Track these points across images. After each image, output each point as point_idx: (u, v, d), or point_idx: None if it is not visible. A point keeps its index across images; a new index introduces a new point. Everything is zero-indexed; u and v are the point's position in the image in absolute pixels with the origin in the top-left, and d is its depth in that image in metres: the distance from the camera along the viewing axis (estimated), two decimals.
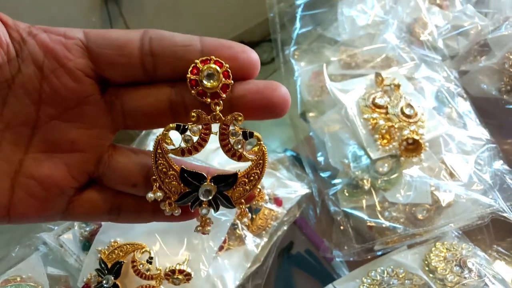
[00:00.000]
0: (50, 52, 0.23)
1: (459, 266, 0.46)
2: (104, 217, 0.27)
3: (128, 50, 0.24)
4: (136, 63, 0.24)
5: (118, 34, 0.24)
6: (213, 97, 0.24)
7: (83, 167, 0.25)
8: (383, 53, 0.67)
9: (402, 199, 0.52)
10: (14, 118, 0.24)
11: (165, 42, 0.24)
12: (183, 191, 0.25)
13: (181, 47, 0.24)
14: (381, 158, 0.55)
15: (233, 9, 1.96)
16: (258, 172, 0.25)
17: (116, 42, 0.24)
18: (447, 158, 0.54)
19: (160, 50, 0.24)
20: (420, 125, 0.56)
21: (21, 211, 0.25)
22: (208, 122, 0.24)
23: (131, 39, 0.24)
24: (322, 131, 0.62)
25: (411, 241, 0.51)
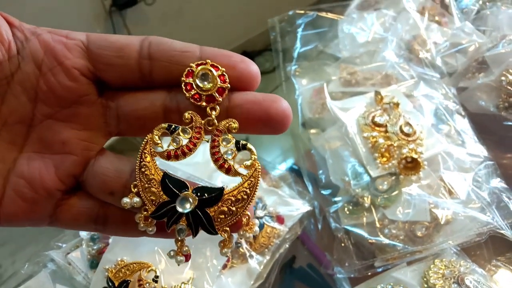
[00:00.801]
0: (50, 50, 0.24)
1: (457, 283, 0.47)
2: (90, 226, 0.26)
3: (127, 52, 0.24)
4: (133, 66, 0.24)
5: (118, 37, 0.25)
6: (208, 101, 0.23)
7: (71, 170, 0.25)
8: (383, 71, 0.68)
9: (401, 217, 0.54)
10: (11, 116, 0.24)
11: (163, 47, 0.24)
12: (161, 201, 0.23)
13: (179, 53, 0.24)
14: (380, 176, 0.56)
15: (235, 19, 1.98)
16: (248, 191, 0.23)
17: (116, 44, 0.24)
18: (445, 176, 0.56)
19: (158, 54, 0.24)
20: (419, 143, 0.57)
21: (10, 211, 0.24)
22: (201, 126, 0.23)
23: (130, 43, 0.24)
24: (323, 148, 0.63)
25: (410, 258, 0.52)
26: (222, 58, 0.24)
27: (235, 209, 0.23)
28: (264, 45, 2.05)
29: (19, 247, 1.33)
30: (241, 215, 0.23)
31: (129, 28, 1.68)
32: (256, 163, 0.23)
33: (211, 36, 1.91)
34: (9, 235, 1.83)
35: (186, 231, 0.23)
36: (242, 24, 2.00)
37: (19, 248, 1.32)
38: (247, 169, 0.23)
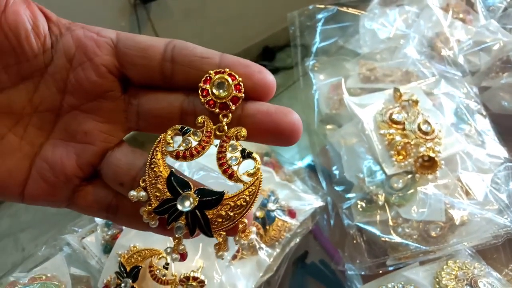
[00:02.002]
0: (81, 46, 0.25)
1: (470, 285, 0.46)
2: (102, 213, 0.27)
3: (151, 53, 0.25)
4: (155, 67, 0.25)
5: (145, 38, 0.26)
6: (222, 108, 0.24)
7: (90, 159, 0.26)
8: (403, 68, 0.67)
9: (416, 216, 0.53)
10: (42, 104, 0.26)
11: (186, 52, 0.25)
12: (164, 198, 0.24)
13: (199, 58, 0.25)
14: (396, 174, 0.55)
15: (258, 14, 1.98)
16: (247, 199, 0.23)
17: (141, 45, 0.25)
18: (463, 176, 0.54)
19: (180, 58, 0.25)
20: (437, 142, 0.56)
21: (33, 191, 0.26)
22: (211, 130, 0.24)
23: (155, 45, 0.25)
24: (339, 144, 0.63)
25: (423, 258, 0.52)
26: (240, 68, 0.24)
27: (233, 215, 0.23)
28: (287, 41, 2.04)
29: (41, 232, 1.37)
30: (238, 221, 0.24)
31: (153, 21, 1.70)
32: (259, 172, 0.24)
33: (234, 31, 1.92)
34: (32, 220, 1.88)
35: (184, 229, 0.24)
36: (264, 19, 1.99)
37: (42, 233, 1.36)
38: (250, 177, 0.24)
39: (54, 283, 0.50)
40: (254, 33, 2.05)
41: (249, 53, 2.07)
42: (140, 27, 1.68)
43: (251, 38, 2.05)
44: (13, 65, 0.25)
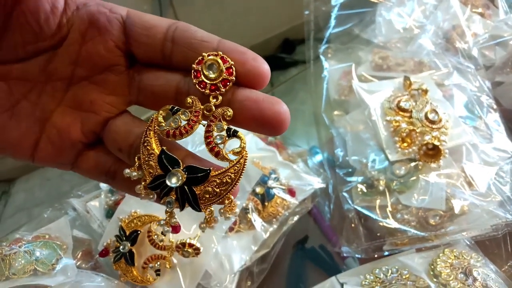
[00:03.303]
0: (94, 21, 0.27)
1: (464, 274, 0.46)
2: (102, 177, 0.29)
3: (153, 32, 0.26)
4: (156, 46, 0.27)
5: (151, 18, 0.27)
6: (212, 90, 0.25)
7: (93, 127, 0.28)
8: (417, 58, 0.66)
9: (416, 203, 0.53)
10: (55, 74, 0.28)
11: (187, 34, 0.26)
12: (157, 174, 0.25)
13: (198, 41, 0.26)
14: (399, 160, 0.55)
15: (280, 6, 1.97)
16: (232, 176, 0.25)
17: (146, 24, 0.27)
18: (467, 167, 0.54)
19: (180, 39, 0.26)
20: (443, 132, 0.55)
21: (42, 154, 0.28)
22: (199, 110, 0.25)
23: (159, 24, 0.27)
24: (345, 129, 0.63)
25: (420, 245, 0.51)
26: (235, 53, 0.25)
27: (219, 191, 0.24)
28: None
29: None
30: (225, 197, 0.25)
31: (175, 7, 1.72)
32: (244, 151, 0.24)
33: (254, 22, 1.92)
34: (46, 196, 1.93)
35: (174, 204, 0.25)
36: (286, 11, 1.98)
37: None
38: (236, 155, 0.25)
39: (56, 242, 0.52)
40: (274, 24, 2.04)
41: (268, 44, 2.07)
42: (162, 12, 1.69)
43: (271, 30, 2.05)
44: (31, 43, 0.27)
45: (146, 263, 0.49)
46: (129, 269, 0.50)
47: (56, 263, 0.49)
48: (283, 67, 2.02)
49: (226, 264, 0.47)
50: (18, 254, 0.48)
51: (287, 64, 2.03)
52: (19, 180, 1.99)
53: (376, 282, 0.47)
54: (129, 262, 0.49)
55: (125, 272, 0.50)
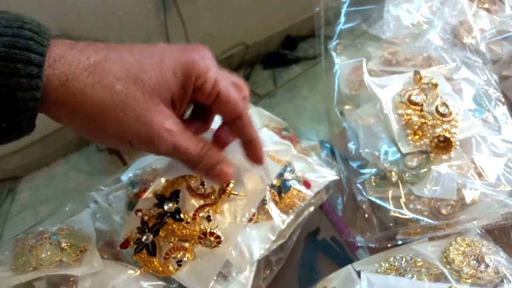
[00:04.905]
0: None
1: (476, 260, 0.48)
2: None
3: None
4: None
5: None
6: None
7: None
8: (425, 53, 0.68)
9: (428, 193, 0.54)
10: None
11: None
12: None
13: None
14: (411, 153, 0.57)
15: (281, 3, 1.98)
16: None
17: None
18: (477, 158, 0.56)
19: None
20: (454, 125, 0.57)
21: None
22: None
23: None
24: (356, 123, 0.64)
25: (433, 234, 0.53)
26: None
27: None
28: (309, 31, 2.04)
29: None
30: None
31: (178, 5, 1.73)
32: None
33: (256, 19, 1.94)
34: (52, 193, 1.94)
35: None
36: (287, 8, 2.00)
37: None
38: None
39: (80, 234, 0.53)
40: (276, 22, 2.06)
41: (270, 41, 2.09)
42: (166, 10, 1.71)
43: (273, 27, 2.07)
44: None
45: (168, 254, 0.51)
46: (150, 260, 0.52)
47: (80, 254, 0.51)
48: (285, 64, 2.05)
49: (246, 253, 0.49)
50: (44, 245, 0.50)
51: (290, 61, 2.06)
52: (25, 178, 2.00)
53: (391, 269, 0.49)
54: (151, 252, 0.51)
55: (146, 263, 0.52)
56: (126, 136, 0.34)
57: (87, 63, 0.32)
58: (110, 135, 0.35)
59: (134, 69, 0.34)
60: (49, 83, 0.31)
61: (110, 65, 0.33)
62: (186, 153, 0.38)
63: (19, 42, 0.30)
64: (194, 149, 0.38)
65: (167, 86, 0.35)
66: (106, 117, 0.33)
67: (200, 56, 0.37)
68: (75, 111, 0.33)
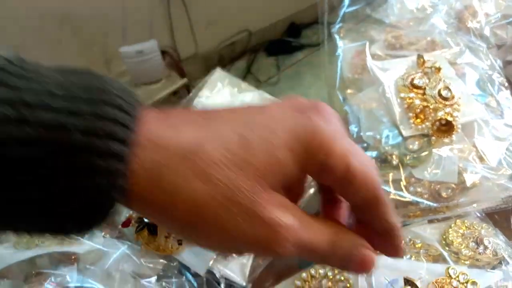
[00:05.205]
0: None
1: (475, 243, 0.48)
2: None
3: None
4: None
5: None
6: None
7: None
8: (429, 37, 0.67)
9: (428, 176, 0.54)
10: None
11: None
12: None
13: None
14: (412, 136, 0.57)
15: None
16: None
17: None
18: (478, 142, 0.55)
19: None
20: (456, 108, 0.57)
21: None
22: None
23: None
24: (358, 107, 0.64)
25: (432, 216, 0.53)
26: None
27: None
28: (313, 18, 2.03)
29: None
30: None
31: None
32: None
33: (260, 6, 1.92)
34: None
35: None
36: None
37: None
38: None
39: None
40: (280, 8, 2.04)
41: (275, 28, 2.08)
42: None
43: (277, 14, 2.05)
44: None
45: (169, 233, 0.51)
46: (151, 239, 0.52)
47: None
48: (289, 51, 2.04)
49: None
50: None
51: (294, 48, 2.04)
52: None
53: None
54: (152, 231, 0.52)
55: (147, 242, 0.53)
56: (230, 241, 0.26)
57: (183, 146, 0.25)
58: (210, 240, 0.27)
59: (239, 150, 0.25)
60: (135, 176, 0.24)
61: (210, 148, 0.25)
62: (315, 249, 0.28)
63: (101, 128, 0.22)
64: (325, 240, 0.28)
65: (281, 167, 0.26)
66: (204, 217, 0.25)
67: (323, 119, 0.27)
68: (165, 210, 0.25)
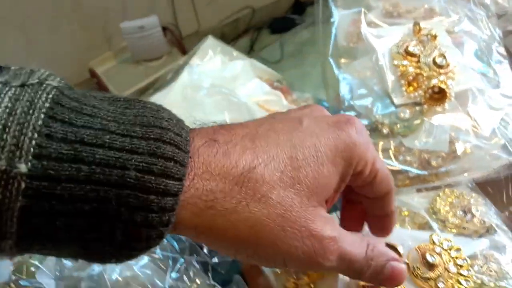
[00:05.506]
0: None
1: (463, 211, 0.47)
2: None
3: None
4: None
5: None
6: None
7: None
8: (427, 4, 0.65)
9: (419, 145, 0.53)
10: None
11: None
12: None
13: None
14: (404, 104, 0.55)
15: None
16: None
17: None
18: (472, 111, 0.54)
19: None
20: (450, 76, 0.55)
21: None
22: None
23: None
24: (352, 76, 0.63)
25: (421, 185, 0.52)
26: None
27: None
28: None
29: None
30: None
31: None
32: None
33: None
34: None
35: None
36: None
37: None
38: None
39: None
40: None
41: (278, 5, 2.04)
42: None
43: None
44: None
45: None
46: None
47: None
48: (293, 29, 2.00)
49: None
50: None
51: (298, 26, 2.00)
52: None
53: None
54: None
55: None
56: (281, 256, 0.27)
57: (236, 172, 0.26)
58: (262, 257, 0.28)
59: (288, 169, 0.27)
60: (189, 207, 0.24)
61: (262, 171, 0.26)
62: (353, 261, 0.29)
63: (156, 165, 0.22)
64: (361, 252, 0.30)
65: (327, 183, 0.28)
66: (258, 237, 0.26)
67: (358, 132, 0.30)
68: (220, 236, 0.26)
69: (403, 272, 0.32)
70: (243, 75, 0.59)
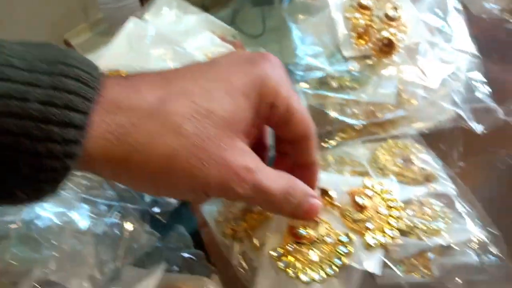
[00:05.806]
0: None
1: (403, 160, 0.47)
2: None
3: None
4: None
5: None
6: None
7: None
8: None
9: (366, 98, 0.52)
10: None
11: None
12: None
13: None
14: (353, 57, 0.54)
15: None
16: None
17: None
18: (421, 63, 0.53)
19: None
20: (402, 30, 0.54)
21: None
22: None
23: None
24: (307, 32, 0.62)
25: (367, 137, 0.52)
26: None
27: None
28: None
29: None
30: None
31: None
32: None
33: None
34: None
35: None
36: None
37: None
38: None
39: None
40: None
41: None
42: None
43: None
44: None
45: None
46: None
47: None
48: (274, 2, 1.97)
49: None
50: None
51: None
52: None
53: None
54: None
55: None
56: (200, 185, 0.28)
57: (148, 105, 0.26)
58: (180, 188, 0.29)
59: (203, 102, 0.27)
60: (101, 142, 0.25)
61: (175, 103, 0.27)
62: (268, 192, 0.30)
63: (59, 98, 0.23)
64: (278, 188, 0.31)
65: (241, 114, 0.29)
66: (175, 168, 0.27)
67: (271, 67, 0.31)
68: (136, 169, 0.26)
69: (318, 208, 0.35)
70: (195, 29, 0.57)
